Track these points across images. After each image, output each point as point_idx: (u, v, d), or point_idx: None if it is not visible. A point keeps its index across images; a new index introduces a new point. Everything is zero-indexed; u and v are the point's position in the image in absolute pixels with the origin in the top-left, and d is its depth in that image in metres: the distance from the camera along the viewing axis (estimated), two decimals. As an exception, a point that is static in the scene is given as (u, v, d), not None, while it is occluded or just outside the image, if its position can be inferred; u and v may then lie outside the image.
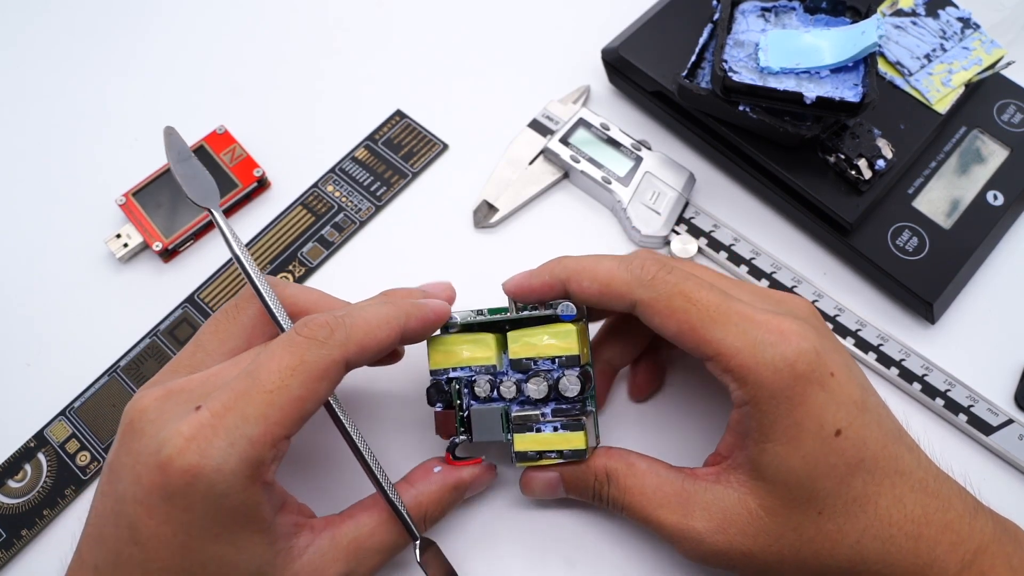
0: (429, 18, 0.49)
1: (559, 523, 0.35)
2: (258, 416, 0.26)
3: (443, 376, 0.33)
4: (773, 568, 0.29)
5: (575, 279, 0.31)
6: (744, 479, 0.30)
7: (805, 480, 0.28)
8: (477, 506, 0.36)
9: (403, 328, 0.30)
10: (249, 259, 0.31)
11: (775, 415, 0.28)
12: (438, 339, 0.33)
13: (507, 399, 0.32)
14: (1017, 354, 0.39)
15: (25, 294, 0.41)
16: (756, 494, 0.29)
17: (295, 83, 0.47)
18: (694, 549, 0.30)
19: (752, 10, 0.40)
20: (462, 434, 0.33)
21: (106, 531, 0.27)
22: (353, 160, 0.44)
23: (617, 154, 0.42)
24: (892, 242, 0.39)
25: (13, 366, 0.39)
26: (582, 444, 0.31)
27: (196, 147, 0.43)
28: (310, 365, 0.27)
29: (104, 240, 0.41)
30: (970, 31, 0.42)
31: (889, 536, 0.28)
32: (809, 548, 0.29)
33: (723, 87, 0.37)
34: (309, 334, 0.28)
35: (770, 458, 0.28)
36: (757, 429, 0.29)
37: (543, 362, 0.32)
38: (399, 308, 0.30)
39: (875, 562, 0.28)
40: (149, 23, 0.49)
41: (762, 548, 0.29)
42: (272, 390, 0.26)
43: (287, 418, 0.27)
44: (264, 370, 0.27)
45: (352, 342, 0.28)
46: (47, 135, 0.45)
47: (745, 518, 0.29)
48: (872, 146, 0.39)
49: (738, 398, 0.29)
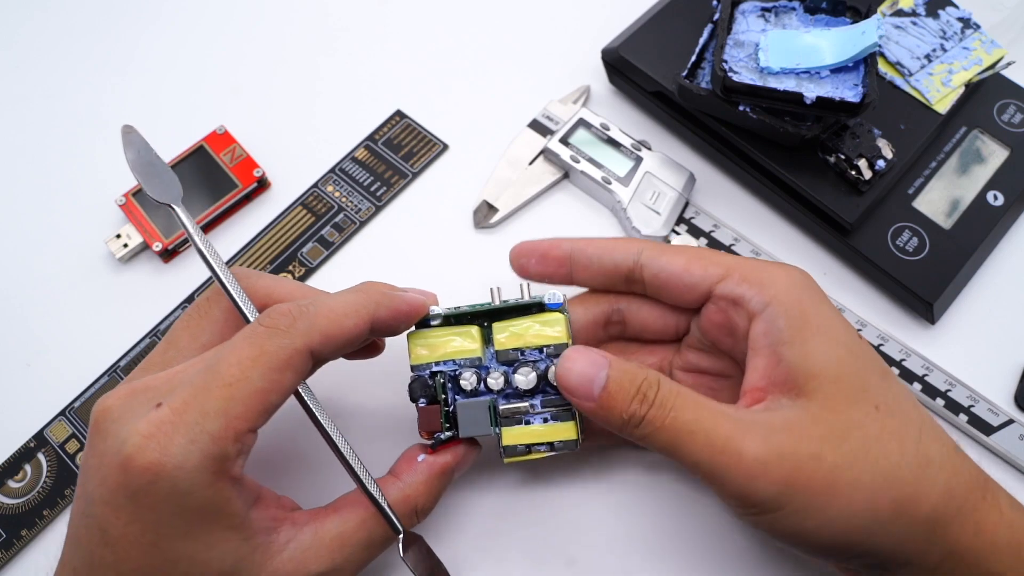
0: (429, 18, 0.49)
1: (559, 523, 0.35)
2: (218, 410, 0.25)
3: (426, 371, 0.32)
4: (843, 480, 0.27)
5: (579, 256, 0.33)
6: (794, 388, 0.28)
7: (853, 372, 0.28)
8: (477, 506, 0.36)
9: (372, 317, 0.29)
10: (213, 252, 0.31)
11: (802, 309, 0.29)
12: (419, 333, 0.32)
13: (495, 391, 0.31)
14: (1017, 354, 0.39)
15: (25, 294, 0.41)
16: (812, 397, 0.27)
17: (295, 83, 0.47)
18: (747, 472, 0.26)
19: (752, 10, 0.40)
20: (447, 430, 0.32)
21: (80, 533, 0.27)
22: (353, 160, 0.44)
23: (617, 154, 0.42)
24: (892, 242, 0.39)
25: (13, 366, 0.39)
26: (573, 434, 0.31)
27: (196, 147, 0.43)
28: (271, 355, 0.26)
29: (104, 240, 0.41)
30: (970, 31, 0.42)
31: (939, 437, 0.28)
32: (878, 447, 0.27)
33: (723, 87, 0.37)
34: (270, 323, 0.27)
35: (813, 351, 0.28)
36: (789, 328, 0.28)
37: (531, 352, 0.31)
38: (369, 297, 0.30)
39: (939, 464, 0.28)
40: (149, 23, 0.49)
41: (832, 452, 0.27)
42: (232, 383, 0.26)
43: (249, 411, 0.26)
44: (224, 363, 0.26)
45: (316, 330, 0.27)
46: (47, 135, 0.45)
47: (808, 422, 0.27)
48: (872, 146, 0.39)
49: (759, 303, 0.29)
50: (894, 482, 0.27)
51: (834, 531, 0.27)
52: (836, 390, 0.28)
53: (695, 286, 0.31)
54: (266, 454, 0.34)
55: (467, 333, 0.32)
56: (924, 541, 0.27)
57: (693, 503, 0.35)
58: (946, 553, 0.27)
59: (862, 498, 0.27)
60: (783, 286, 0.29)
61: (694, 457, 0.27)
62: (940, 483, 0.27)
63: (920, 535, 0.27)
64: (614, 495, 0.36)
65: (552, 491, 0.36)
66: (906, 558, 0.28)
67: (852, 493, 0.27)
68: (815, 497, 0.26)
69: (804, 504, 0.27)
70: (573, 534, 0.35)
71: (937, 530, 0.27)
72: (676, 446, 0.27)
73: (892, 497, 0.27)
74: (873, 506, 0.27)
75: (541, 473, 0.36)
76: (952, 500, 0.27)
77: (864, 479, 0.27)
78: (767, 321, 0.29)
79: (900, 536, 0.27)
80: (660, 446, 0.28)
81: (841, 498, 0.26)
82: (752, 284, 0.30)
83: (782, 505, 0.27)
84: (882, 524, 0.27)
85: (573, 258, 0.33)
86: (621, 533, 0.35)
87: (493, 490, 0.36)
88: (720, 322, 0.31)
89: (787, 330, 0.28)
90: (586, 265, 0.33)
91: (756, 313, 0.29)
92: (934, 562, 0.28)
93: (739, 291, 0.30)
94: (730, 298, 0.30)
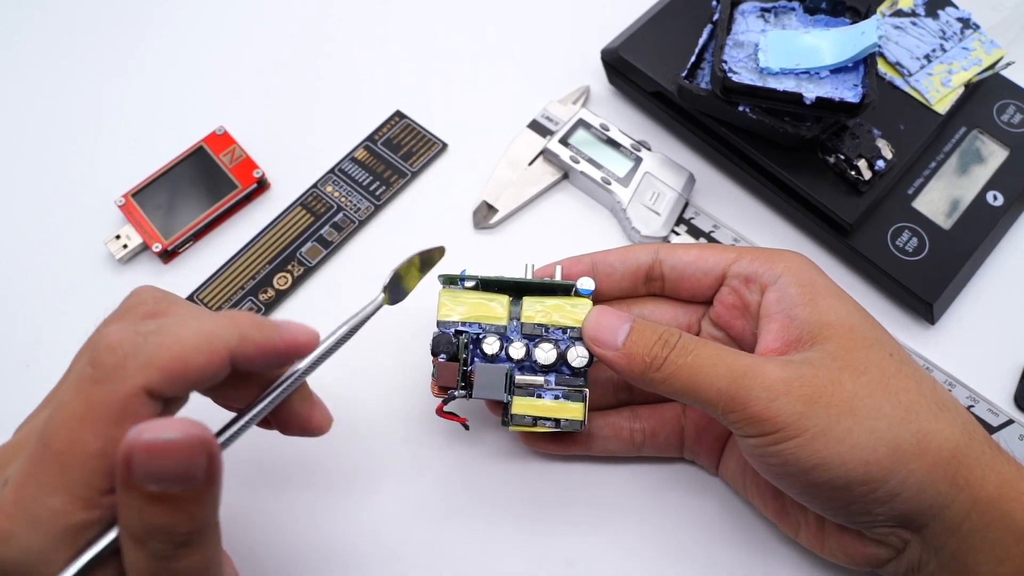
0: (429, 18, 0.49)
1: (559, 523, 0.35)
2: (56, 485, 0.22)
3: (451, 329, 0.33)
4: (864, 406, 0.27)
5: (602, 265, 0.34)
6: (808, 340, 0.29)
7: (865, 325, 0.29)
8: (477, 506, 0.36)
9: (231, 351, 0.24)
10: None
11: (811, 278, 0.30)
12: (451, 292, 0.33)
13: (515, 360, 0.32)
14: (1017, 354, 0.39)
15: (25, 295, 0.41)
16: (827, 341, 0.29)
17: (295, 83, 0.47)
18: (771, 390, 0.27)
19: (752, 11, 0.40)
20: (462, 388, 0.32)
21: None
22: (353, 160, 0.44)
23: (617, 155, 0.42)
24: (892, 242, 0.39)
25: (13, 367, 0.39)
26: (580, 415, 0.32)
27: (195, 148, 0.43)
28: (100, 408, 0.22)
29: (104, 241, 0.41)
30: (970, 31, 0.42)
31: (948, 393, 0.29)
32: (896, 382, 0.28)
33: (723, 88, 0.37)
34: (96, 363, 0.23)
35: (826, 309, 0.29)
36: (800, 294, 0.30)
37: (554, 331, 0.32)
38: (231, 326, 0.25)
39: (955, 410, 0.28)
40: (148, 23, 0.49)
41: (851, 380, 0.27)
42: (63, 450, 0.22)
43: (89, 477, 0.22)
44: (52, 426, 0.23)
45: (153, 367, 0.23)
46: (46, 136, 0.45)
47: (826, 358, 0.28)
48: (872, 146, 0.39)
49: (771, 276, 0.31)
50: (915, 415, 0.27)
51: (856, 461, 0.27)
52: (851, 335, 0.29)
53: (710, 270, 0.33)
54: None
55: (498, 300, 0.33)
56: (949, 483, 0.27)
57: (694, 504, 0.35)
58: (971, 503, 0.27)
59: (884, 426, 0.27)
60: (791, 262, 0.31)
61: (717, 385, 0.28)
62: (959, 425, 0.28)
63: (944, 477, 0.27)
64: (614, 495, 0.36)
65: (552, 491, 0.36)
66: (931, 507, 0.27)
67: (874, 420, 0.27)
68: (838, 420, 0.27)
69: (827, 427, 0.27)
70: (573, 534, 0.35)
71: (961, 471, 0.27)
72: (697, 380, 0.28)
73: (914, 430, 0.27)
74: (895, 436, 0.27)
75: (541, 473, 0.36)
76: (972, 443, 0.28)
77: (885, 408, 0.27)
78: (779, 290, 0.31)
79: (924, 476, 0.27)
80: (680, 384, 0.28)
81: (864, 422, 0.27)
82: (763, 262, 0.32)
83: (805, 427, 0.27)
84: (905, 459, 0.27)
85: (596, 268, 0.34)
86: (621, 533, 0.35)
87: (493, 490, 0.36)
88: (733, 303, 0.33)
89: (798, 295, 0.30)
90: (609, 272, 0.34)
91: (768, 285, 0.31)
92: (960, 513, 0.27)
93: (752, 268, 0.32)
94: (743, 276, 0.32)
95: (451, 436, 0.37)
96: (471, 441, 0.37)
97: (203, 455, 0.22)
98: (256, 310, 0.40)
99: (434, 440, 0.37)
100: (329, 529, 0.35)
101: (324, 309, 0.40)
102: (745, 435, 0.28)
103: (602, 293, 0.35)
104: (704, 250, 0.34)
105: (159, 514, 0.22)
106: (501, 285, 0.33)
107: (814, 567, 0.34)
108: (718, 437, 0.34)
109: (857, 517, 0.28)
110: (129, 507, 0.22)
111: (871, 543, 0.29)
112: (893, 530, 0.28)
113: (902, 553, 0.29)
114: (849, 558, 0.30)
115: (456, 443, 0.37)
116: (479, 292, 0.33)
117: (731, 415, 0.28)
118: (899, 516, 0.28)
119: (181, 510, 0.22)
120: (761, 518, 0.35)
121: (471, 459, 0.36)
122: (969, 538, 0.27)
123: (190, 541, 0.23)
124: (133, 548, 0.22)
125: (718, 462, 0.35)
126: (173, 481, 0.22)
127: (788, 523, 0.33)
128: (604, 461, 0.36)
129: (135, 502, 0.22)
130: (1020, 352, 0.39)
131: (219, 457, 0.23)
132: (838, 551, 0.31)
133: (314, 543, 0.35)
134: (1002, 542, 0.27)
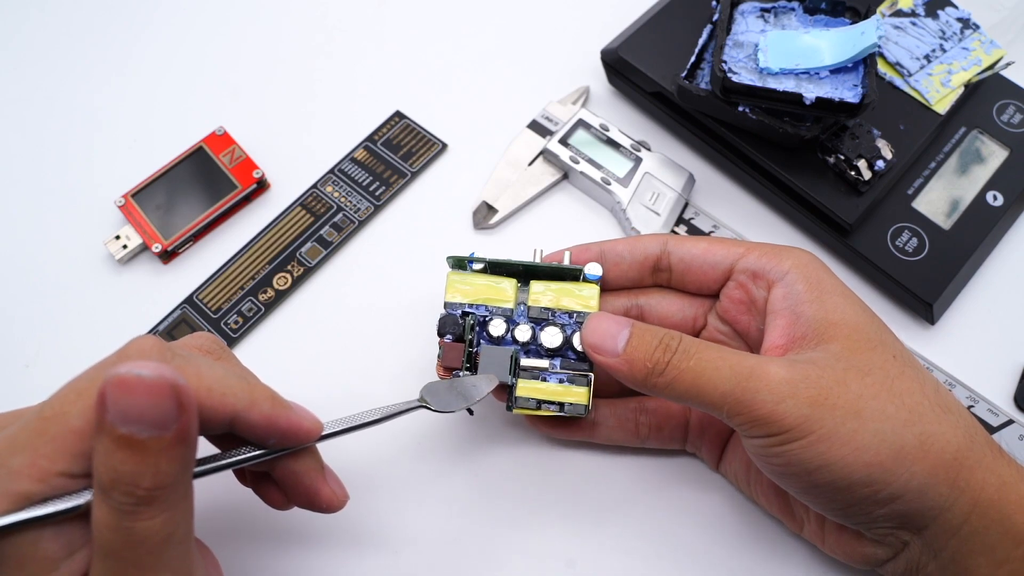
0: (428, 19, 0.49)
1: (559, 523, 0.35)
2: (25, 445, 0.23)
3: (458, 310, 0.33)
4: (868, 408, 0.27)
5: (610, 253, 0.34)
6: (813, 338, 0.29)
7: (871, 326, 0.29)
8: (478, 506, 0.36)
9: (236, 411, 0.25)
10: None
11: (818, 276, 0.30)
12: (458, 274, 0.33)
13: (520, 343, 0.32)
14: (1017, 354, 0.39)
15: (24, 296, 0.41)
16: (832, 341, 0.29)
17: (294, 84, 0.47)
18: (776, 393, 0.27)
19: (751, 11, 0.40)
20: (466, 369, 0.32)
21: None
22: (352, 161, 0.44)
23: (616, 155, 0.42)
24: (892, 243, 0.39)
25: (13, 367, 0.39)
26: (584, 399, 0.32)
27: (195, 148, 0.43)
28: (93, 393, 0.22)
29: (103, 242, 0.41)
30: (969, 31, 0.42)
31: (951, 395, 0.29)
32: (900, 384, 0.28)
33: (722, 88, 0.37)
34: (122, 353, 0.25)
35: (831, 307, 0.29)
36: (807, 291, 0.30)
37: (561, 315, 0.32)
38: (248, 389, 0.26)
39: (958, 413, 0.28)
40: (147, 23, 0.49)
41: (856, 382, 0.27)
42: (49, 416, 0.23)
43: (59, 451, 0.23)
44: (56, 395, 0.24)
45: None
46: (45, 136, 0.45)
47: (831, 359, 0.28)
48: (872, 147, 0.39)
49: (778, 272, 0.31)
50: (918, 417, 0.27)
51: (860, 463, 0.27)
52: (856, 336, 0.29)
53: (718, 264, 0.33)
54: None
55: (505, 283, 0.33)
56: (950, 486, 0.27)
57: (694, 504, 0.35)
58: (972, 506, 0.27)
59: (888, 429, 0.27)
60: (799, 259, 0.31)
61: (721, 388, 0.28)
62: (961, 427, 0.28)
63: (946, 480, 0.27)
64: (614, 495, 0.36)
65: (552, 491, 0.36)
66: (932, 509, 0.27)
67: (879, 422, 0.27)
68: (843, 421, 0.27)
69: (832, 429, 0.27)
70: (573, 535, 0.35)
71: (963, 474, 0.27)
72: (701, 384, 0.28)
73: (917, 432, 0.27)
74: (899, 438, 0.27)
75: (541, 473, 0.36)
76: (974, 446, 0.28)
77: (889, 410, 0.27)
78: (786, 286, 0.31)
79: (926, 479, 0.27)
80: (684, 389, 0.28)
81: (868, 424, 0.27)
82: (771, 258, 0.32)
83: (811, 429, 0.27)
84: (908, 461, 0.27)
85: (605, 256, 0.34)
86: (621, 533, 0.35)
87: (493, 490, 0.36)
88: (740, 298, 0.33)
89: (805, 292, 0.30)
90: (617, 261, 0.34)
91: (775, 281, 0.31)
92: (960, 516, 0.27)
93: (759, 264, 0.32)
94: (751, 271, 0.32)
95: (452, 430, 0.37)
96: (472, 436, 0.37)
97: (171, 400, 0.22)
98: (256, 310, 0.40)
99: (435, 433, 0.37)
100: (325, 524, 0.35)
101: (324, 309, 0.40)
102: (750, 436, 0.28)
103: (609, 281, 0.34)
104: (712, 243, 0.33)
105: (124, 460, 0.22)
106: (509, 268, 0.33)
107: (819, 564, 0.34)
108: (720, 433, 0.35)
109: (857, 517, 0.28)
110: (99, 452, 0.22)
111: (869, 543, 0.29)
112: (893, 531, 0.28)
113: (901, 553, 0.29)
114: (848, 556, 0.31)
115: (456, 439, 0.37)
116: (487, 275, 0.33)
117: (737, 417, 0.28)
118: (899, 517, 0.28)
119: (147, 459, 0.22)
120: (764, 513, 0.35)
121: (471, 453, 0.36)
122: (969, 540, 0.27)
123: (152, 499, 0.22)
124: (99, 501, 0.22)
125: (719, 458, 0.35)
126: (140, 423, 0.21)
127: (792, 519, 0.33)
128: (606, 453, 0.36)
129: (105, 446, 0.22)
130: (1020, 352, 0.39)
131: (192, 414, 0.22)
132: (837, 549, 0.31)
133: (309, 538, 0.35)
134: (1001, 545, 0.27)
